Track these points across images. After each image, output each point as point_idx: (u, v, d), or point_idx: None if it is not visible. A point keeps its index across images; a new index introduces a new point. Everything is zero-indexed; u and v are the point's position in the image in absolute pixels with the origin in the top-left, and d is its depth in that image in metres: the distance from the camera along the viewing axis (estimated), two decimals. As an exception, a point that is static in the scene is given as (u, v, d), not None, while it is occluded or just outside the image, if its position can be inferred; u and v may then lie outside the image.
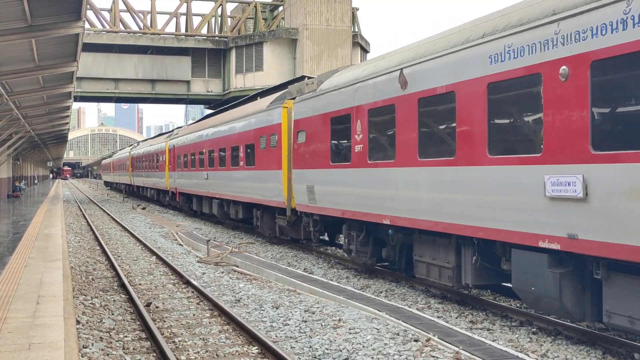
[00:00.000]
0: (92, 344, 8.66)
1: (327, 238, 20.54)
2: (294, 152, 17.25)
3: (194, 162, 30.09)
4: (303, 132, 16.45)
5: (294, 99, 18.14)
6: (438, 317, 10.73)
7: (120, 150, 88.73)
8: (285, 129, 18.31)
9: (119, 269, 15.20)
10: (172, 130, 45.14)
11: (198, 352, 8.68)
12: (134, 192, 59.82)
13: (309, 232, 17.21)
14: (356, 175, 13.49)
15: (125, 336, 9.57)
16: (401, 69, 11.83)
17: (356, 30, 49.88)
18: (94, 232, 24.87)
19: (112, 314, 11.03)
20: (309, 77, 23.20)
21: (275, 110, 19.10)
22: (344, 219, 14.76)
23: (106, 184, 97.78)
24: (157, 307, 11.55)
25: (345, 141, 14.03)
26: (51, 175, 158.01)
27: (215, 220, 30.20)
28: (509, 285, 10.67)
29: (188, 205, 33.77)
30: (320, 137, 15.42)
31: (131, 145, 74.32)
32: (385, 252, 13.43)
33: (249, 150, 21.64)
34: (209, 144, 27.16)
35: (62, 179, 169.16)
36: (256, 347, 8.78)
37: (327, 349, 8.58)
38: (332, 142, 14.77)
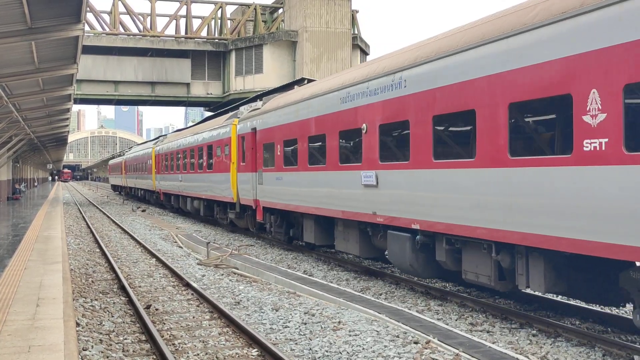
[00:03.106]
0: (92, 347, 8.66)
1: None
2: None
3: (332, 153, 14.86)
4: None
5: None
6: (438, 319, 10.73)
7: (138, 145, 71.06)
8: None
9: (118, 271, 15.20)
10: (237, 106, 29.10)
11: (198, 354, 8.68)
12: (158, 202, 43.08)
13: None
14: None
15: (125, 338, 9.57)
16: None
17: (356, 32, 49.97)
18: (93, 235, 24.86)
19: (112, 317, 11.03)
20: (310, 80, 23.13)
21: None
22: None
23: (114, 188, 79.60)
24: (156, 310, 11.55)
25: None
26: (50, 178, 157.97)
27: (215, 222, 29.15)
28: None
29: (284, 230, 19.11)
30: None
31: (156, 138, 56.66)
32: None
33: None
34: (418, 103, 11.26)
35: (62, 181, 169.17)
36: (256, 350, 8.79)
37: (327, 351, 8.58)
38: None
